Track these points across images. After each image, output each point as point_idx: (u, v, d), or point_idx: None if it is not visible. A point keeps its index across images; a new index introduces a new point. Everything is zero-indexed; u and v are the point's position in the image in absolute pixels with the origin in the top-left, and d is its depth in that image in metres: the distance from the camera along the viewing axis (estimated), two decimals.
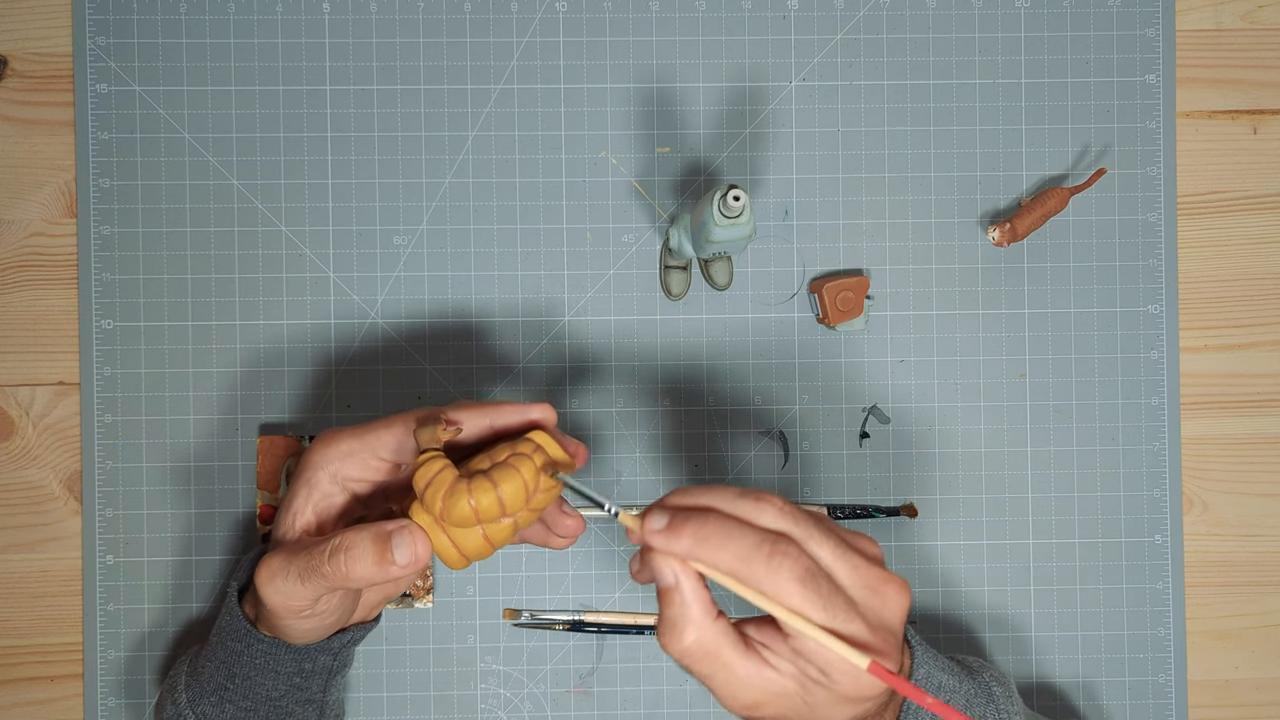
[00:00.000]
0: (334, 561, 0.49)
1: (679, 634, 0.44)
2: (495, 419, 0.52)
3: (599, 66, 0.67)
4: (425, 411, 0.53)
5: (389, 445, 0.53)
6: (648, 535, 0.44)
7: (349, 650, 0.58)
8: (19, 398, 0.67)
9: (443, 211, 0.67)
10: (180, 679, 0.59)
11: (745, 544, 0.43)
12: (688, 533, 0.43)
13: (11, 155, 0.67)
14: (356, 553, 0.49)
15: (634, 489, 0.67)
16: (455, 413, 0.52)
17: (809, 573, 0.43)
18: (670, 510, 0.45)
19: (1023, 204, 0.66)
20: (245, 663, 0.55)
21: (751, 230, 0.57)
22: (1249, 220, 0.69)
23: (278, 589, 0.50)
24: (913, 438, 0.68)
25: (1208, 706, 0.69)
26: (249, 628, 0.55)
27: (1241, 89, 0.69)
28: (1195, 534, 0.69)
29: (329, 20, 0.67)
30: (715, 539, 0.43)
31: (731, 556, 0.43)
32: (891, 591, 0.45)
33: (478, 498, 0.48)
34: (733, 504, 0.45)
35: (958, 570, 0.68)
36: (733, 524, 0.44)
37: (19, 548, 0.67)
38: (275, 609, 0.51)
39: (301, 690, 0.57)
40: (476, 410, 0.52)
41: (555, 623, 0.67)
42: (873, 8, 0.68)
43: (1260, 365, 0.69)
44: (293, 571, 0.50)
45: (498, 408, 0.52)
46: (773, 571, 0.42)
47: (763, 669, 0.44)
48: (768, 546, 0.43)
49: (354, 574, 0.49)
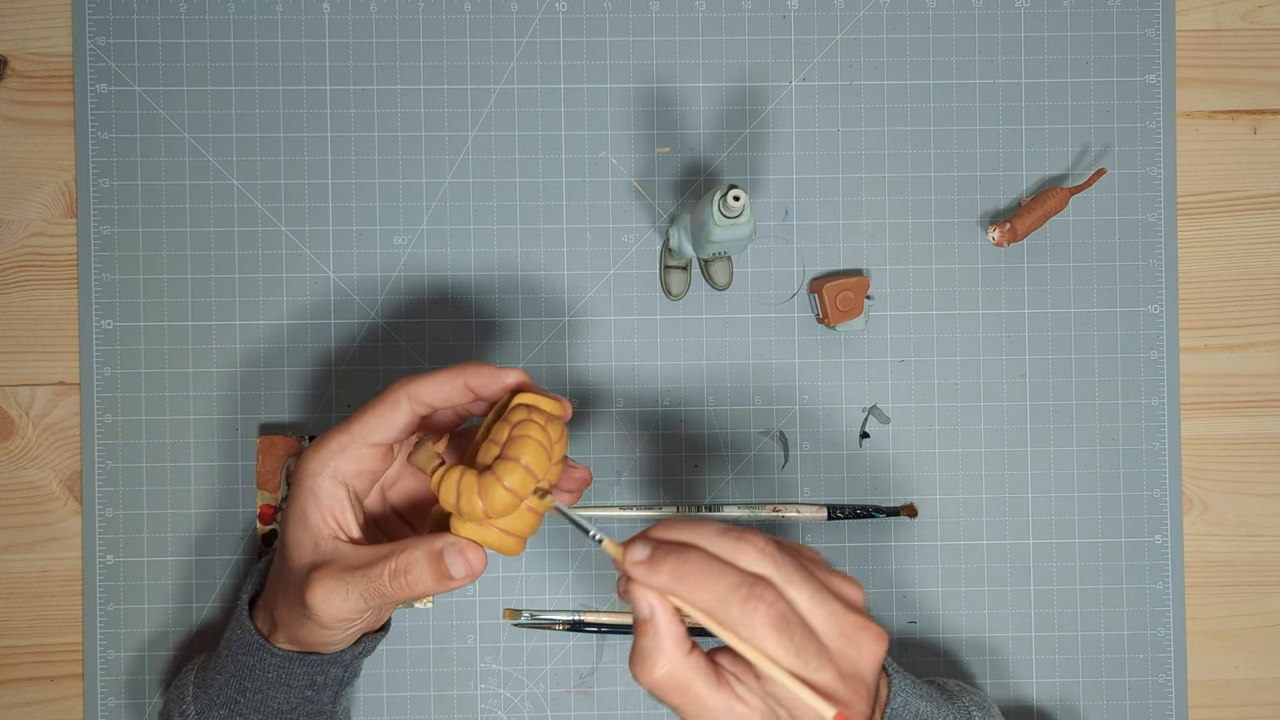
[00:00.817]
0: (396, 583, 0.50)
1: (650, 666, 0.45)
2: (469, 380, 0.52)
3: (599, 66, 0.67)
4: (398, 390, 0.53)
5: (376, 430, 0.53)
6: (629, 566, 0.45)
7: (359, 662, 0.58)
8: (19, 398, 0.67)
9: (443, 211, 0.67)
10: (187, 690, 0.58)
11: (723, 585, 0.44)
12: (667, 568, 0.44)
13: (11, 155, 0.67)
14: (415, 574, 0.50)
15: (634, 489, 0.67)
16: (426, 384, 0.52)
17: (783, 618, 0.43)
18: (653, 543, 0.45)
19: (1023, 204, 0.66)
20: (258, 676, 0.55)
21: (751, 230, 0.57)
22: (1249, 220, 0.69)
23: (335, 608, 0.51)
24: (913, 438, 0.68)
25: (1208, 706, 0.69)
26: (262, 642, 0.55)
27: (1241, 89, 0.69)
28: (1195, 534, 0.69)
29: (329, 20, 0.67)
30: (694, 577, 0.44)
31: (709, 596, 0.44)
32: (867, 640, 0.45)
33: (508, 479, 0.48)
34: (715, 542, 0.45)
35: (958, 570, 0.68)
36: (713, 564, 0.44)
37: (19, 548, 0.67)
38: (329, 623, 0.52)
39: (312, 703, 0.57)
40: (448, 375, 0.52)
41: (555, 623, 0.67)
42: (873, 8, 0.68)
43: (1260, 365, 0.69)
44: (353, 593, 0.50)
45: (469, 369, 0.52)
46: (748, 614, 0.43)
47: (734, 703, 0.45)
48: (744, 589, 0.43)
49: (415, 591, 0.50)
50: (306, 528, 0.52)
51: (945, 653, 0.67)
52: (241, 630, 0.56)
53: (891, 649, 0.67)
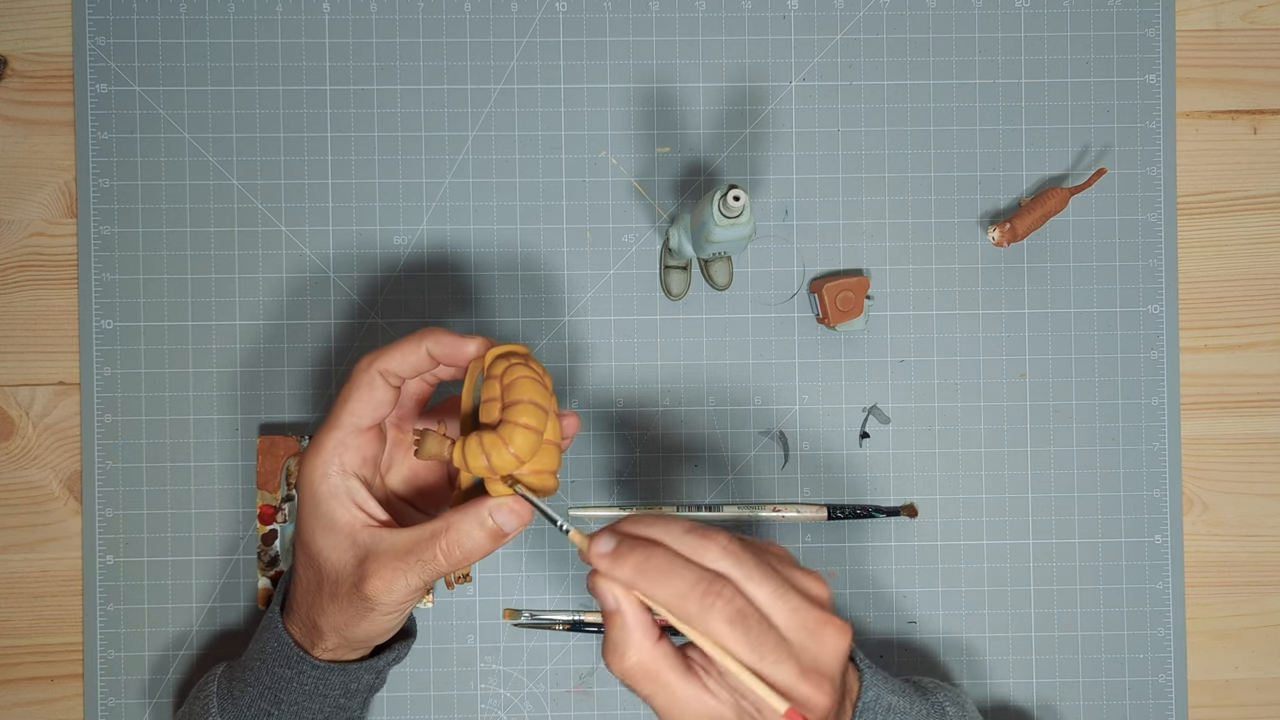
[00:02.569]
0: (450, 555, 0.51)
1: (621, 655, 0.46)
2: (430, 347, 0.52)
3: (599, 66, 0.67)
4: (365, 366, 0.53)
5: (362, 414, 0.53)
6: (593, 557, 0.46)
7: (389, 669, 0.59)
8: (19, 398, 0.67)
9: (443, 211, 0.67)
10: (211, 701, 0.58)
11: (683, 581, 0.44)
12: (630, 563, 0.45)
13: (11, 155, 0.67)
14: (469, 542, 0.51)
15: (634, 489, 0.67)
16: (393, 356, 0.53)
17: (740, 614, 0.44)
18: (619, 536, 0.46)
19: (1023, 204, 0.66)
20: (294, 688, 0.56)
21: (751, 230, 0.57)
22: (1249, 220, 0.69)
23: (398, 593, 0.52)
24: (913, 438, 0.68)
25: (1208, 706, 0.69)
26: (301, 654, 0.55)
27: (1241, 89, 0.69)
28: (1195, 534, 0.69)
29: (329, 20, 0.67)
30: (655, 573, 0.45)
31: (669, 592, 0.45)
32: (830, 634, 0.46)
33: (524, 419, 0.49)
34: (679, 539, 0.46)
35: (958, 570, 0.68)
36: (675, 561, 0.45)
37: (19, 548, 0.67)
38: (391, 609, 0.53)
39: (344, 710, 0.58)
40: (410, 344, 0.53)
41: (555, 623, 0.67)
42: (873, 8, 0.68)
43: (1260, 365, 0.69)
44: (413, 577, 0.51)
45: (429, 335, 0.53)
46: (705, 610, 0.44)
47: (702, 694, 0.46)
48: (703, 586, 0.44)
49: (471, 559, 0.51)
50: (336, 529, 0.53)
51: (945, 653, 0.67)
52: (277, 642, 0.56)
53: (890, 649, 0.67)
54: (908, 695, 0.55)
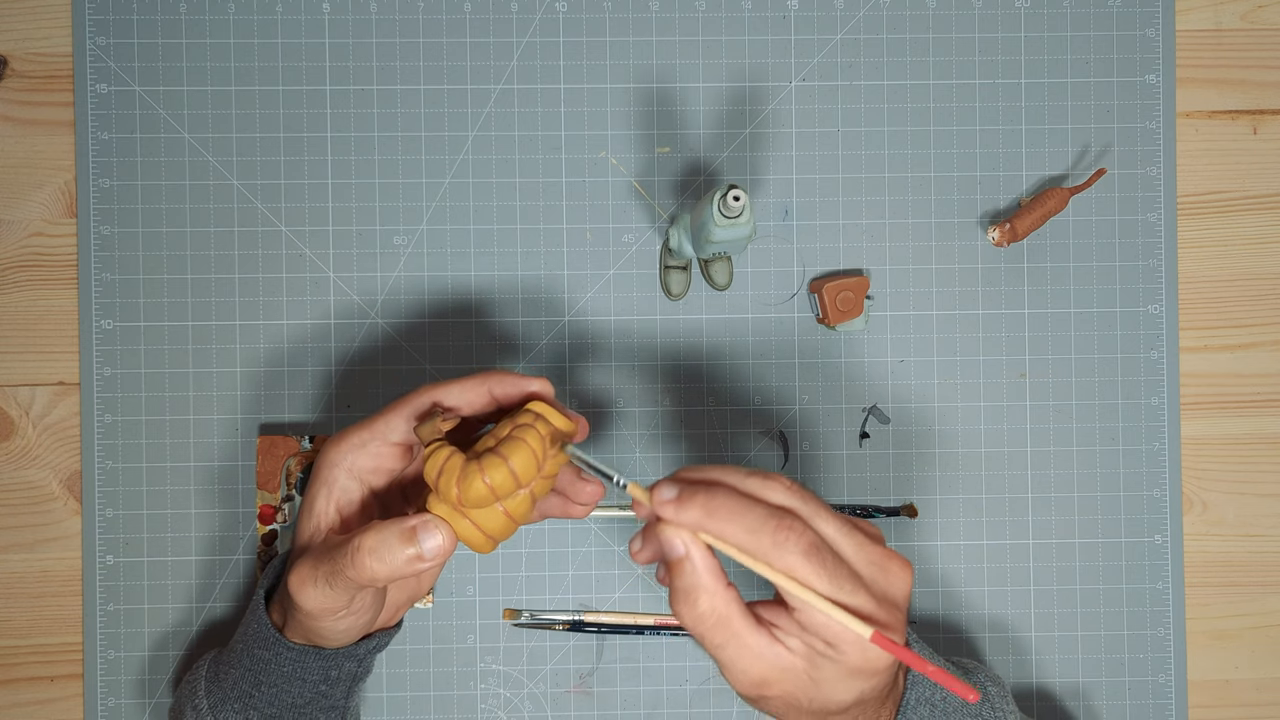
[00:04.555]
0: (358, 562, 0.49)
1: (693, 600, 0.45)
2: (493, 387, 0.53)
3: (599, 66, 0.67)
4: (424, 393, 0.53)
5: (398, 429, 0.53)
6: (657, 506, 0.45)
7: (372, 657, 0.58)
8: (19, 398, 0.67)
9: (443, 211, 0.67)
10: (199, 684, 0.58)
11: (753, 517, 0.44)
12: (697, 504, 0.44)
13: (11, 155, 0.67)
14: (381, 551, 0.49)
15: None
16: (452, 389, 0.53)
17: (814, 546, 0.44)
18: (680, 483, 0.45)
19: (1023, 204, 0.66)
20: (273, 671, 0.56)
21: (751, 230, 0.57)
22: (1249, 220, 0.69)
23: (309, 595, 0.51)
24: (913, 438, 0.68)
25: (1208, 706, 0.69)
26: (277, 636, 0.55)
27: (1241, 89, 0.69)
28: (1195, 534, 0.69)
29: (329, 20, 0.67)
30: (724, 512, 0.44)
31: (740, 529, 0.44)
32: (895, 568, 0.46)
33: (490, 474, 0.48)
34: (742, 480, 0.46)
35: (958, 570, 0.68)
36: (742, 499, 0.44)
37: (19, 548, 0.67)
38: (312, 612, 0.51)
39: (326, 697, 0.57)
40: (474, 382, 0.53)
41: (555, 623, 0.67)
42: (873, 8, 0.68)
43: (1260, 365, 0.69)
44: (320, 576, 0.50)
45: (494, 375, 0.53)
46: (779, 545, 0.43)
47: (773, 644, 0.45)
48: (774, 520, 0.44)
49: (380, 572, 0.49)
50: (312, 515, 0.53)
51: (945, 653, 0.67)
52: (258, 624, 0.56)
53: None
54: (953, 672, 0.55)
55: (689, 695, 0.67)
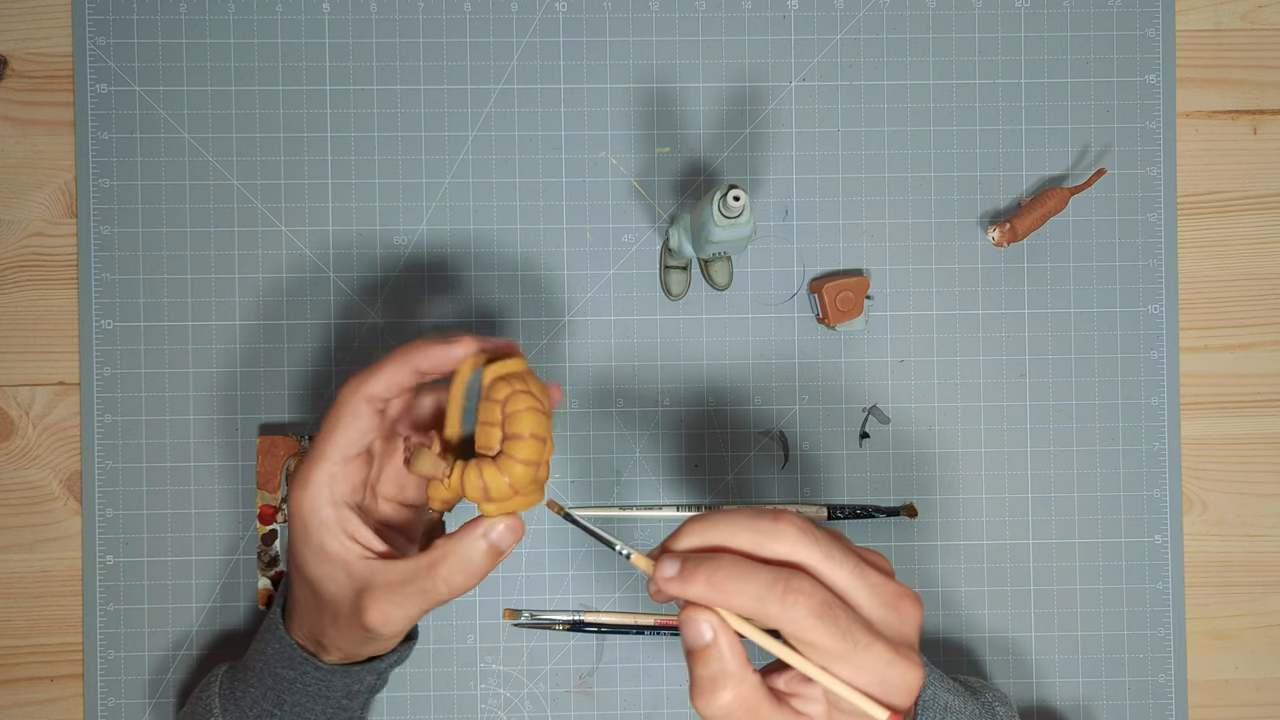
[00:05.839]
0: (450, 581, 0.50)
1: (719, 690, 0.43)
2: (418, 364, 0.52)
3: (599, 66, 0.67)
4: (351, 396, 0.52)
5: (349, 443, 0.52)
6: (662, 584, 0.44)
7: (390, 671, 0.59)
8: (19, 398, 0.67)
9: (443, 211, 0.67)
10: (214, 703, 0.58)
11: (759, 583, 0.42)
12: (700, 578, 0.43)
13: (11, 155, 0.67)
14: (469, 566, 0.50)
15: (633, 489, 0.67)
16: (379, 380, 0.52)
17: (825, 605, 0.42)
18: (680, 556, 0.44)
19: (1023, 204, 0.66)
20: (297, 690, 0.56)
21: (751, 230, 0.57)
22: (1249, 220, 0.69)
23: (397, 623, 0.52)
24: (913, 438, 0.68)
25: (1208, 706, 0.69)
26: (305, 656, 0.55)
27: (1241, 89, 0.69)
28: (1195, 534, 0.69)
29: (329, 20, 0.67)
30: (729, 582, 0.43)
31: (747, 598, 0.42)
32: (907, 606, 0.45)
33: (523, 454, 0.48)
34: (749, 527, 0.44)
35: (958, 570, 0.68)
36: (745, 564, 0.43)
37: (19, 548, 0.67)
38: (392, 636, 0.53)
39: (345, 710, 0.58)
40: (394, 366, 0.52)
41: (555, 623, 0.67)
42: (873, 8, 0.68)
43: (1260, 365, 0.69)
44: (411, 606, 0.51)
45: (414, 351, 0.52)
46: (789, 609, 0.42)
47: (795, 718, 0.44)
48: (781, 585, 0.42)
49: (469, 584, 0.51)
50: (330, 560, 0.52)
51: (945, 653, 0.67)
52: (279, 644, 0.56)
53: None
54: (961, 694, 0.55)
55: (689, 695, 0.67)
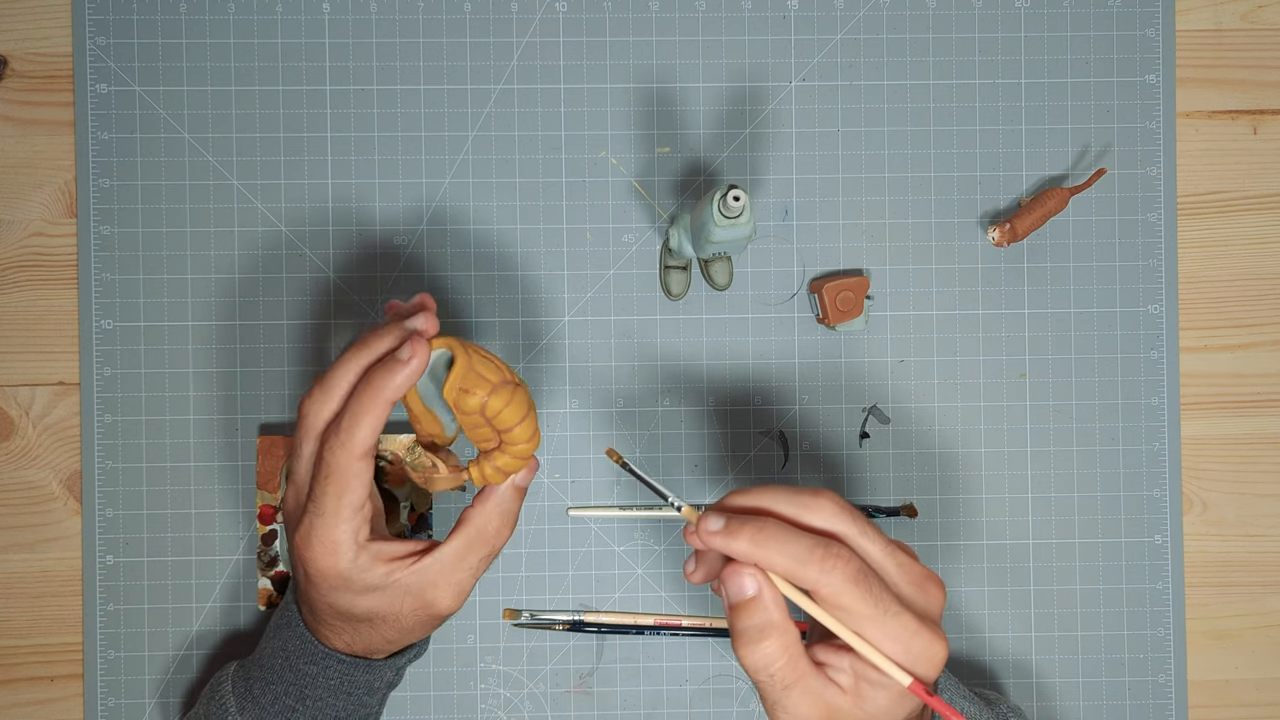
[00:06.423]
0: (501, 534, 0.55)
1: (763, 639, 0.46)
2: (389, 398, 0.51)
3: (599, 66, 0.67)
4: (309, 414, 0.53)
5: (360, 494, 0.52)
6: (704, 536, 0.46)
7: (407, 667, 0.60)
8: (19, 398, 0.67)
9: (443, 211, 0.67)
10: (229, 700, 0.58)
11: (800, 546, 0.45)
12: (745, 535, 0.45)
13: (11, 155, 0.67)
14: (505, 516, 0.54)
15: (634, 489, 0.67)
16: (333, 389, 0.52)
17: (861, 572, 0.45)
18: (726, 514, 0.47)
19: (1023, 204, 0.66)
20: (320, 685, 0.56)
21: (751, 230, 0.57)
22: (1249, 220, 0.69)
23: (466, 594, 0.55)
24: (913, 438, 0.68)
25: (1208, 706, 0.69)
26: (327, 651, 0.56)
27: (1241, 89, 0.69)
28: (1195, 534, 0.69)
29: (329, 20, 0.67)
30: (772, 542, 0.45)
31: (788, 558, 0.45)
32: (932, 587, 0.48)
33: (523, 436, 0.52)
34: (789, 501, 0.47)
35: (958, 570, 0.68)
36: (788, 528, 0.45)
37: (19, 548, 0.67)
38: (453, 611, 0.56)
39: (364, 707, 0.58)
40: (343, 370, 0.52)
41: (555, 623, 0.67)
42: (873, 8, 0.68)
43: (1260, 365, 0.69)
44: (477, 570, 0.55)
45: (360, 353, 0.52)
46: (827, 572, 0.44)
47: (827, 683, 0.46)
48: (821, 549, 0.45)
49: (511, 528, 0.55)
50: (382, 590, 0.53)
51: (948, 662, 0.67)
52: (299, 640, 0.56)
53: None
54: (976, 704, 0.56)
55: (689, 695, 0.67)
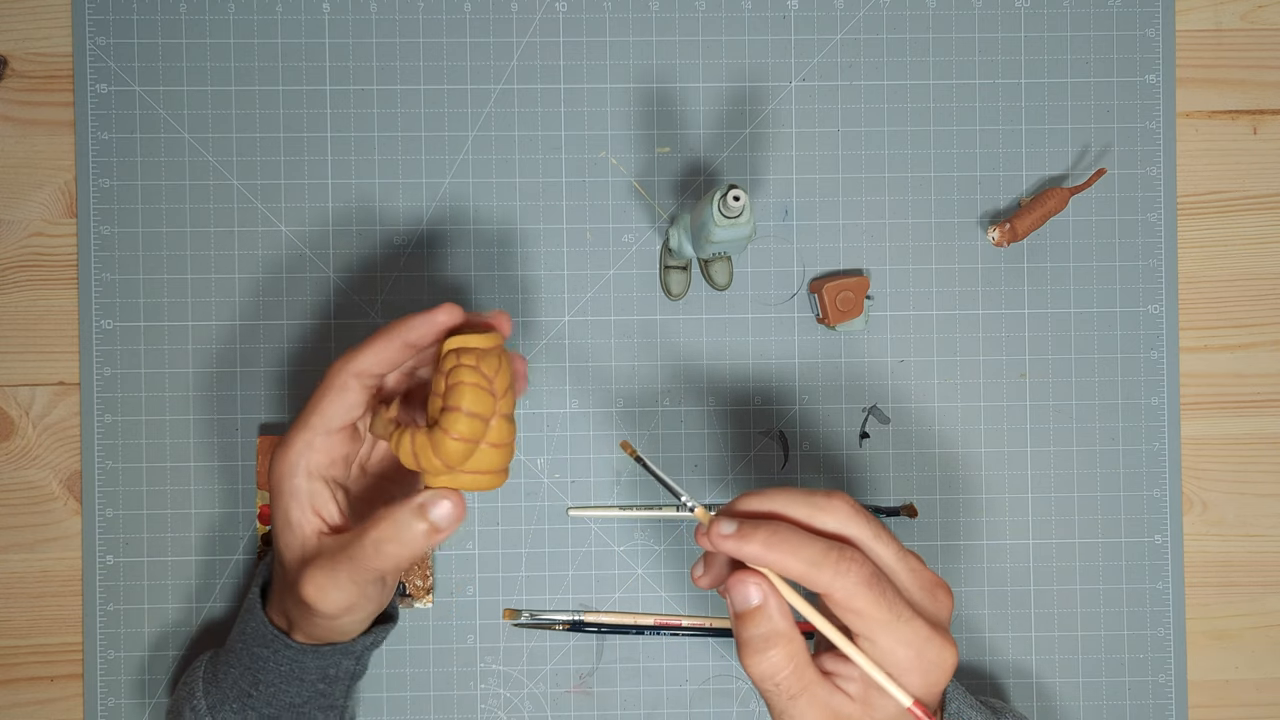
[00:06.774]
0: (382, 552, 0.49)
1: (768, 649, 0.45)
2: (406, 337, 0.52)
3: (599, 66, 0.67)
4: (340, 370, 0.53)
5: (332, 416, 0.53)
6: (716, 540, 0.46)
7: (369, 654, 0.59)
8: (19, 398, 0.67)
9: (443, 211, 0.67)
10: (197, 685, 0.59)
11: (814, 550, 0.45)
12: (758, 539, 0.45)
13: (11, 155, 0.67)
14: (401, 535, 0.49)
15: (634, 489, 0.67)
16: (367, 355, 0.52)
17: (875, 577, 0.45)
18: (739, 517, 0.46)
19: (1023, 204, 0.66)
20: (271, 670, 0.56)
21: (751, 230, 0.57)
22: (1249, 220, 0.69)
23: (331, 599, 0.51)
24: (913, 438, 0.68)
25: (1208, 706, 0.69)
26: (276, 634, 0.55)
27: (1241, 89, 0.69)
28: (1195, 534, 0.69)
29: (329, 20, 0.67)
30: (785, 545, 0.45)
31: (802, 562, 0.44)
32: (942, 594, 0.48)
33: (455, 430, 0.48)
34: (802, 504, 0.46)
35: (958, 570, 0.68)
36: (801, 532, 0.45)
37: (19, 548, 0.67)
38: (334, 614, 0.52)
39: (325, 696, 0.57)
40: (385, 341, 0.52)
41: (555, 623, 0.67)
42: (873, 8, 0.68)
43: (1260, 365, 0.69)
44: (342, 577, 0.50)
45: (402, 326, 0.52)
46: (841, 575, 0.44)
47: (834, 692, 0.46)
48: (834, 553, 0.45)
49: (403, 556, 0.49)
50: (291, 529, 0.53)
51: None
52: (255, 623, 0.56)
53: None
54: (983, 713, 0.56)
55: (689, 695, 0.67)
